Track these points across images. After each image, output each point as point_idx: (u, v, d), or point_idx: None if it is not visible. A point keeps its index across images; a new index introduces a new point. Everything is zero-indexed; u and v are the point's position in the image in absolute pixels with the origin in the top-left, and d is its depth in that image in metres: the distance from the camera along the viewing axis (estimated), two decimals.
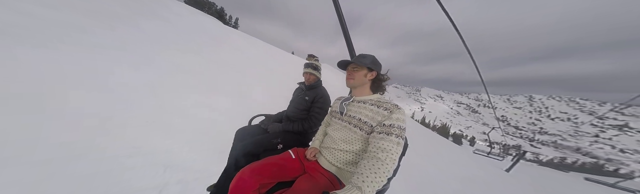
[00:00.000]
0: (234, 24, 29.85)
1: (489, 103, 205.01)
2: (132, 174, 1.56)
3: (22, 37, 2.62)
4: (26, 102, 1.83)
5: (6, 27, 2.63)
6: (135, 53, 4.01)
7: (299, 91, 1.65)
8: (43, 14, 3.35)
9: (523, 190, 7.37)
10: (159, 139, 2.13)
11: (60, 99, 2.04)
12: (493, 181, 7.16)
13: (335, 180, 0.93)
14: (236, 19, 32.40)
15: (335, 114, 1.10)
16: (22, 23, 2.87)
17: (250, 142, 1.26)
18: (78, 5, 4.49)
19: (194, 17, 10.16)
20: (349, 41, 1.46)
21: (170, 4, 9.69)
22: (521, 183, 8.87)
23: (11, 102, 1.74)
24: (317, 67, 1.57)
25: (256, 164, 0.93)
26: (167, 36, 6.02)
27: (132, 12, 6.12)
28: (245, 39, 12.38)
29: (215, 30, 9.95)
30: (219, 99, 3.97)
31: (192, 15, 10.18)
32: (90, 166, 1.50)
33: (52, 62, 2.52)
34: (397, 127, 0.84)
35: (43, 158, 1.40)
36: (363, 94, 1.03)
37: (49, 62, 2.48)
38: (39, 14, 3.29)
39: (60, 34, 3.22)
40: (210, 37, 8.45)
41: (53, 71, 2.38)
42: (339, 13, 1.50)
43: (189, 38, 6.93)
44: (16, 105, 1.75)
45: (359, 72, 0.99)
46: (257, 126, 1.61)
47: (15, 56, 2.27)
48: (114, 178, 1.48)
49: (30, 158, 1.37)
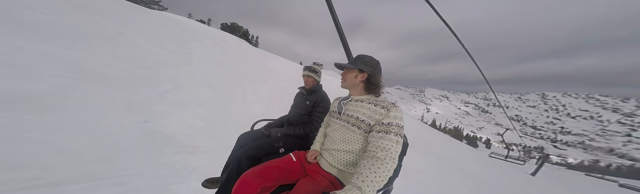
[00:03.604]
0: (256, 42, 33.03)
1: (498, 102, 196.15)
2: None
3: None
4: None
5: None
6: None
7: (300, 96, 1.64)
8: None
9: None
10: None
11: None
12: (521, 186, 6.62)
13: (336, 182, 0.92)
14: (256, 37, 34.98)
15: (333, 114, 1.10)
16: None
17: (252, 146, 1.25)
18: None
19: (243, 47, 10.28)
20: (346, 44, 1.47)
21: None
22: (551, 186, 8.14)
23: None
24: (316, 70, 1.57)
25: (258, 168, 0.94)
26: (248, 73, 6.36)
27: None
28: (277, 60, 12.45)
29: (270, 63, 10.12)
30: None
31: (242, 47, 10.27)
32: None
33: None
34: (395, 126, 0.84)
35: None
36: (360, 94, 1.04)
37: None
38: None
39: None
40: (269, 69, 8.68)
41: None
42: (333, 16, 1.53)
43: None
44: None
45: (350, 73, 1.00)
46: (259, 130, 1.61)
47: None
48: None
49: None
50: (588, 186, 12.32)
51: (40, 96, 1.89)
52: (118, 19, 4.60)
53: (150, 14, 6.52)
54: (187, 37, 6.54)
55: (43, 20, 2.94)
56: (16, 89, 1.82)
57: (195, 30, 7.84)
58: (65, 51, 2.64)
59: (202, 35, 7.71)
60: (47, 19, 3.02)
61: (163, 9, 25.83)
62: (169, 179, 1.69)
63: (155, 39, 4.93)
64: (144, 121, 2.38)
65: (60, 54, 2.54)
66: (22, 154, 1.41)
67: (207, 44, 7.18)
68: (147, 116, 2.50)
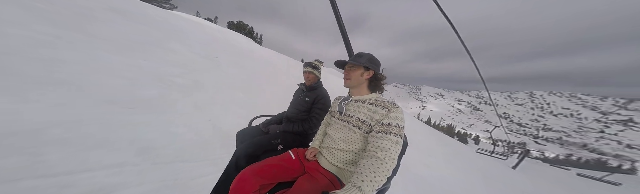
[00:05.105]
0: (260, 41, 33.48)
1: (490, 101, 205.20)
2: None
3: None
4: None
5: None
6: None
7: (300, 93, 1.63)
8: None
9: (525, 185, 8.19)
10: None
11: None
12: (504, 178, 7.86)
13: (335, 180, 0.92)
14: (260, 35, 35.36)
15: (334, 114, 1.11)
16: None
17: (250, 144, 1.25)
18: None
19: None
20: (347, 41, 1.44)
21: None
22: (523, 179, 9.62)
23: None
24: (317, 66, 1.55)
25: (256, 166, 0.94)
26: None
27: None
28: (285, 59, 12.94)
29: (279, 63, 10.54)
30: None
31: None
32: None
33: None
34: (395, 126, 0.84)
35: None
36: (361, 94, 1.04)
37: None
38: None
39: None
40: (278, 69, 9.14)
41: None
42: (336, 12, 1.50)
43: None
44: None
45: (355, 72, 0.98)
46: (257, 127, 1.60)
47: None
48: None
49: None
50: (552, 175, 14.41)
51: (150, 101, 2.50)
52: (153, 26, 5.00)
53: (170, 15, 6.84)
54: (209, 40, 6.95)
55: (109, 31, 3.40)
56: (137, 96, 2.43)
57: (214, 32, 8.21)
58: (141, 62, 3.17)
59: (221, 38, 8.09)
60: (113, 30, 3.49)
61: (174, 7, 25.55)
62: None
63: (187, 44, 5.37)
64: (209, 120, 2.97)
65: (141, 65, 3.08)
66: (160, 141, 2.02)
67: (226, 46, 7.59)
68: (209, 116, 3.08)
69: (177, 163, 1.84)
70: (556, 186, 10.10)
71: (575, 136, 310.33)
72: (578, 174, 16.88)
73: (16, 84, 1.76)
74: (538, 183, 9.82)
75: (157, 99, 2.65)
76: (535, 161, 31.83)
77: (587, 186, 12.56)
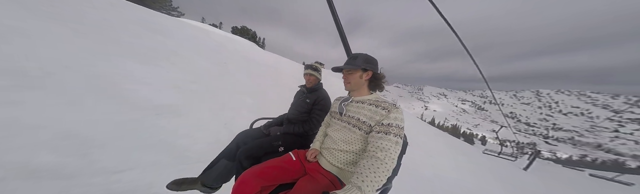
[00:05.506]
0: (263, 44, 34.03)
1: (494, 99, 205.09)
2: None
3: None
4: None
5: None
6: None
7: (301, 94, 1.65)
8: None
9: (536, 186, 8.07)
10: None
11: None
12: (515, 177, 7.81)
13: (336, 181, 0.93)
14: (263, 39, 35.77)
15: (334, 114, 1.11)
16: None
17: (251, 146, 1.26)
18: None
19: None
20: (346, 42, 1.47)
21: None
22: (534, 180, 9.46)
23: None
24: (317, 68, 1.57)
25: (257, 168, 0.94)
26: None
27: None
28: (288, 62, 13.31)
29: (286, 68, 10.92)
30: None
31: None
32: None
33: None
34: (395, 127, 0.85)
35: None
36: (361, 94, 1.05)
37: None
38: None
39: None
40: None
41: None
42: (334, 13, 1.53)
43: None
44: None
45: (353, 74, 0.99)
46: (258, 129, 1.62)
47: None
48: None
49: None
50: (564, 176, 14.15)
51: (170, 106, 2.71)
52: (167, 35, 5.30)
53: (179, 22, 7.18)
54: (217, 46, 7.26)
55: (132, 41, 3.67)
56: (160, 102, 2.65)
57: (221, 38, 8.57)
58: (159, 69, 3.40)
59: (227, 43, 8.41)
60: (135, 40, 3.76)
61: (181, 14, 26.45)
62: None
63: (197, 51, 5.65)
64: (225, 123, 3.15)
65: (159, 72, 3.32)
66: (184, 143, 2.20)
67: (232, 52, 7.89)
68: (224, 120, 3.26)
69: (200, 163, 2.01)
70: (568, 187, 9.89)
71: (588, 135, 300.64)
72: (590, 175, 16.63)
73: (78, 96, 2.02)
74: (550, 184, 9.66)
75: (177, 104, 2.86)
76: (546, 161, 30.85)
77: (600, 187, 12.30)
